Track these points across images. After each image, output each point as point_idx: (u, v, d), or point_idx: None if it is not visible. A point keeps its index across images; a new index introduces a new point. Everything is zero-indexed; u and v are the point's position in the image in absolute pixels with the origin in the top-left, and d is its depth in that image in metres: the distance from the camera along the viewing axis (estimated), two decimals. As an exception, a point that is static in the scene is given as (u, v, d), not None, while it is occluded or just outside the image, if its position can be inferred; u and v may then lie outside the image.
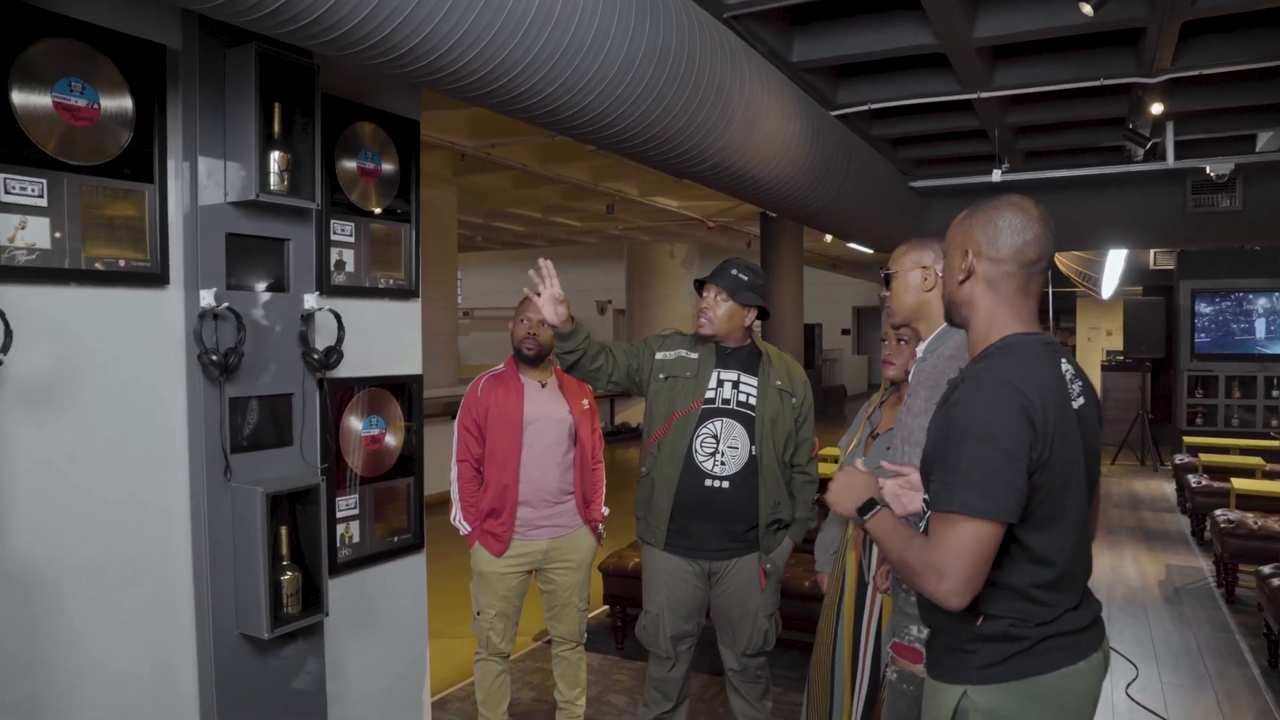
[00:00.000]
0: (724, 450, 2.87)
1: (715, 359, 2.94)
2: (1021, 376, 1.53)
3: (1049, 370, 1.58)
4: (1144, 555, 6.43)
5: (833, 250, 13.72)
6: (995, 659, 1.56)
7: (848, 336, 22.44)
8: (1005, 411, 1.49)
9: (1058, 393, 1.56)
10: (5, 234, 2.12)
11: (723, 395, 2.90)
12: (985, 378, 1.53)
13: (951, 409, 1.54)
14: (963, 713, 1.57)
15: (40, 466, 2.21)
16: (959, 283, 1.67)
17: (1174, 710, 3.77)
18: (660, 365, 2.96)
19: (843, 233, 6.45)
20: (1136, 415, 10.75)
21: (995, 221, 1.63)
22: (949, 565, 1.46)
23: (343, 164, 2.95)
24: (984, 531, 1.46)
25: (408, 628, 3.31)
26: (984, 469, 1.47)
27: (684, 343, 3.00)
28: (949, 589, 1.47)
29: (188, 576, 2.56)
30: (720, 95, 3.26)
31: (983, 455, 1.47)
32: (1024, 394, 1.50)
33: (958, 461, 1.49)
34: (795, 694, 3.76)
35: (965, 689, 1.58)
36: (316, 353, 2.75)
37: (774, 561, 2.95)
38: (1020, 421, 1.48)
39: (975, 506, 1.46)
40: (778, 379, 2.96)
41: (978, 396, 1.51)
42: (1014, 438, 1.48)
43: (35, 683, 2.22)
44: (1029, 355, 1.58)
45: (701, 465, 2.86)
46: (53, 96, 2.19)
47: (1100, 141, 5.91)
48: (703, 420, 2.88)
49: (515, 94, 2.54)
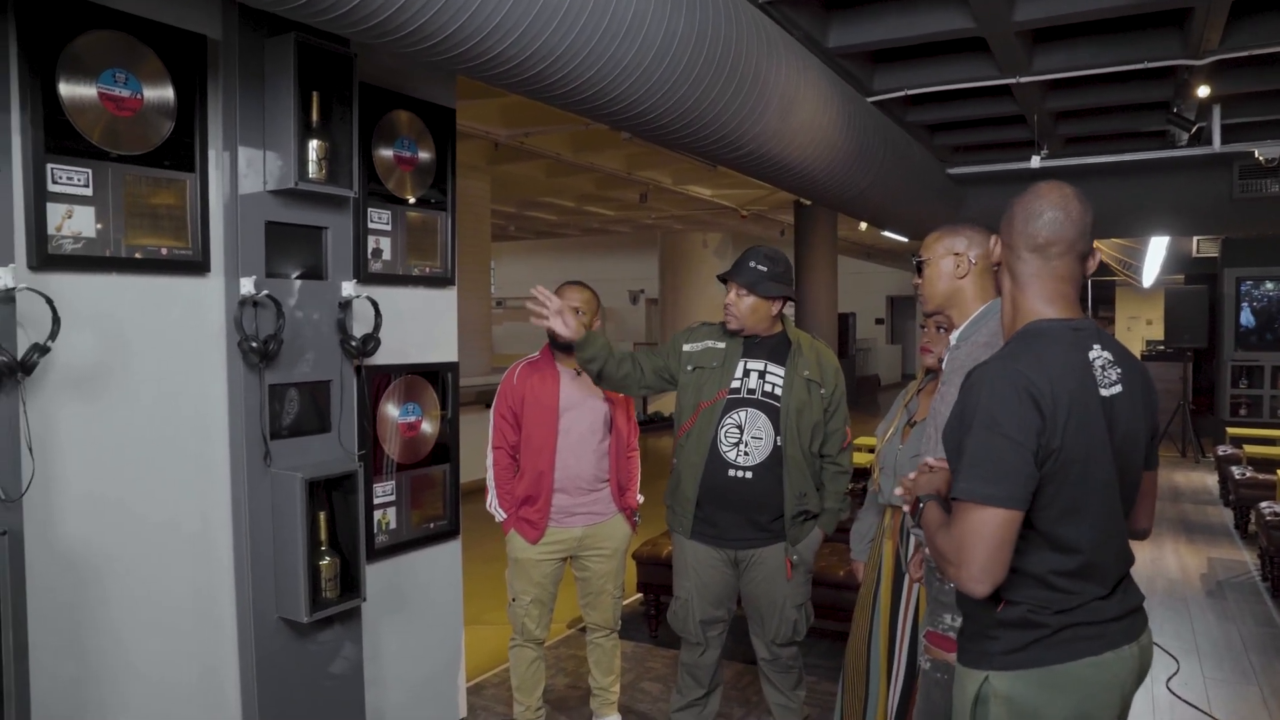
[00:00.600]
0: (748, 440, 2.85)
1: (743, 348, 2.92)
2: (1032, 363, 1.52)
3: (1072, 357, 1.56)
4: (1185, 548, 6.33)
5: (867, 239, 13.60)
6: (1016, 645, 1.55)
7: (882, 326, 22.26)
8: (1010, 398, 1.49)
9: (1078, 380, 1.54)
10: (53, 223, 2.15)
11: (748, 385, 2.88)
12: (994, 365, 1.55)
13: (963, 396, 1.56)
14: (984, 699, 1.57)
15: (86, 452, 2.25)
16: (994, 271, 1.73)
17: (1217, 705, 3.71)
18: (688, 357, 2.95)
19: (878, 220, 6.39)
20: (1177, 406, 10.56)
21: (1014, 208, 1.65)
22: (965, 552, 1.47)
23: (380, 152, 2.97)
24: (995, 518, 1.46)
25: (444, 613, 3.35)
26: (990, 456, 1.48)
27: (711, 333, 2.98)
28: (967, 575, 1.47)
29: (229, 560, 2.60)
30: (756, 81, 3.23)
31: (989, 442, 1.48)
32: (1031, 380, 1.49)
33: (966, 449, 1.51)
34: (830, 683, 3.74)
35: (987, 675, 1.58)
36: (354, 340, 2.78)
37: (801, 553, 2.92)
38: (1025, 408, 1.48)
39: (982, 493, 1.46)
40: (806, 369, 2.92)
41: (985, 384, 1.53)
42: (1019, 424, 1.48)
43: (82, 662, 2.27)
44: (1051, 341, 1.57)
45: (725, 455, 2.85)
46: (98, 87, 2.22)
47: (1143, 126, 5.79)
48: (728, 410, 2.86)
49: (551, 80, 2.54)
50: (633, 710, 3.54)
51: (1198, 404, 11.39)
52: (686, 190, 9.65)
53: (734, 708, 3.58)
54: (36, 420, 2.11)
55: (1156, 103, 5.27)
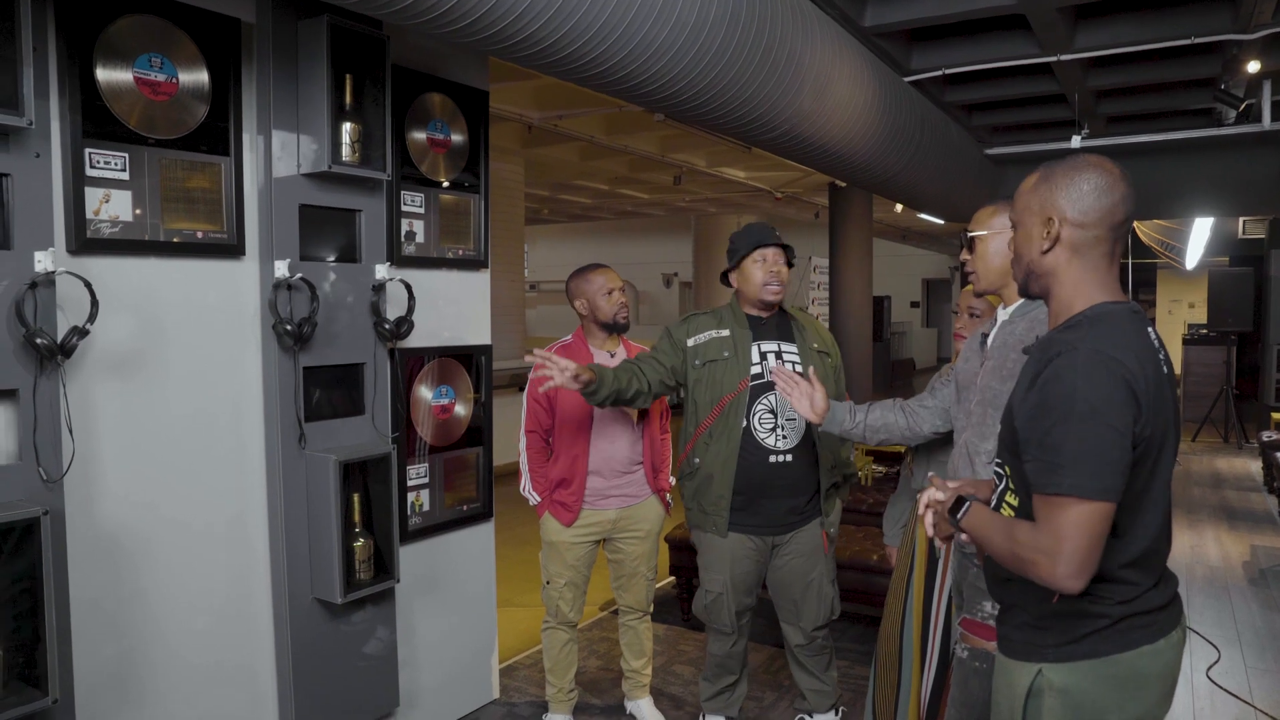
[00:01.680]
0: (783, 424, 2.82)
1: (751, 333, 2.87)
2: (1119, 347, 1.45)
3: (1143, 340, 1.51)
4: (1226, 535, 6.21)
5: (903, 221, 13.44)
6: (1072, 637, 1.51)
7: (917, 309, 22.03)
8: (1109, 385, 1.41)
9: (1153, 364, 1.48)
10: (91, 207, 2.18)
11: (769, 368, 2.83)
12: (1083, 350, 1.44)
13: (1048, 384, 1.45)
14: (1037, 692, 1.53)
15: (124, 434, 2.29)
16: (1042, 252, 1.58)
17: (1259, 695, 3.64)
18: (694, 352, 2.87)
19: (914, 202, 6.30)
20: (1220, 391, 10.34)
21: (1079, 184, 1.54)
22: (1064, 550, 1.39)
23: (413, 135, 2.97)
24: (1098, 512, 1.40)
25: (477, 595, 3.37)
26: (1093, 448, 1.39)
27: (709, 322, 2.91)
28: (1064, 573, 1.40)
29: (264, 541, 2.63)
30: (791, 61, 3.19)
31: (1091, 434, 1.40)
32: (1126, 367, 1.42)
33: (1061, 441, 1.41)
34: (863, 668, 3.73)
35: (1040, 667, 1.53)
36: (388, 323, 2.79)
37: (835, 525, 2.94)
38: (1125, 395, 1.41)
39: (1088, 488, 1.39)
40: (814, 341, 2.91)
41: (1077, 371, 1.42)
42: (1120, 413, 1.40)
43: (122, 642, 2.31)
44: (1123, 325, 1.50)
45: (764, 442, 2.81)
46: (134, 72, 2.24)
47: (1189, 104, 5.63)
48: (756, 397, 2.82)
49: (583, 61, 2.51)
50: (665, 693, 3.55)
51: (1241, 388, 11.16)
52: (721, 173, 9.58)
53: (765, 691, 3.58)
54: (76, 402, 2.14)
55: (1203, 79, 5.12)
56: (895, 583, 2.84)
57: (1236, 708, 3.53)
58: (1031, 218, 1.60)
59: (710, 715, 3.10)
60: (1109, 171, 1.54)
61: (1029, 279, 1.63)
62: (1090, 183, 1.53)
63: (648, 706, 3.32)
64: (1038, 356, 1.52)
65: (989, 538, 1.54)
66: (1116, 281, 1.58)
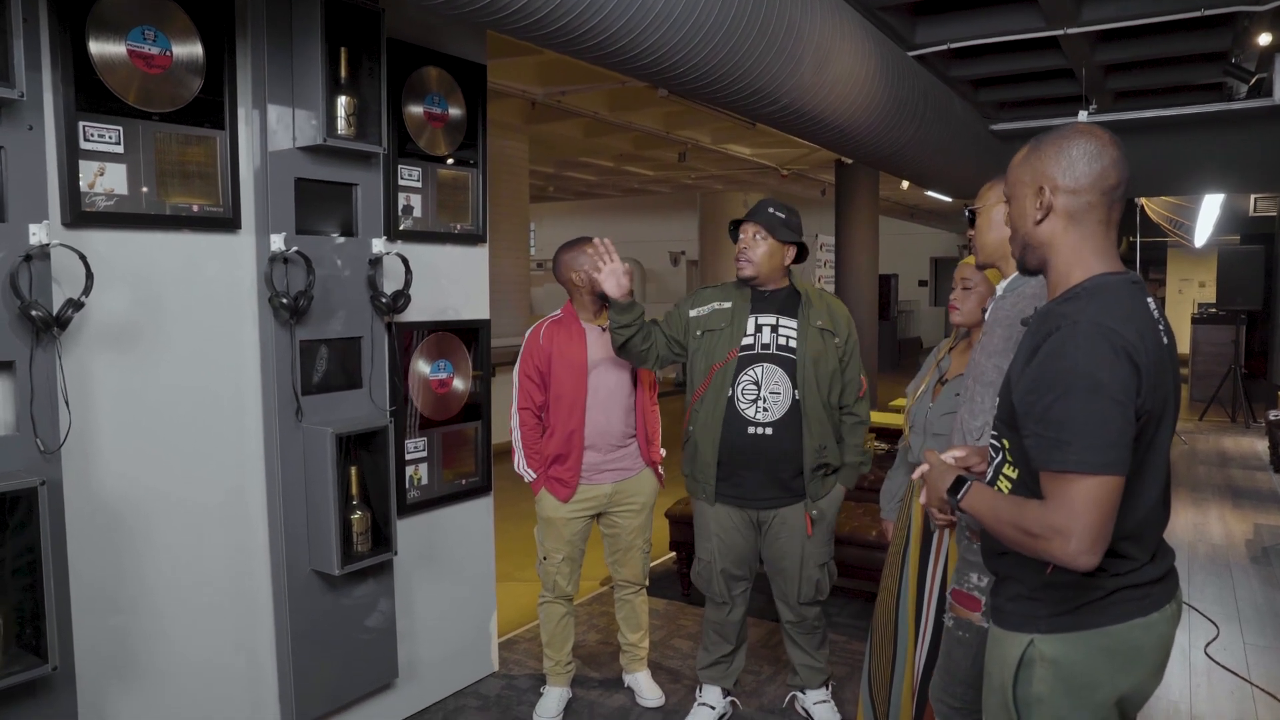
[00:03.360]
0: (765, 396, 2.83)
1: (750, 304, 2.89)
2: (1120, 319, 1.43)
3: (1142, 310, 1.49)
4: (1230, 514, 6.20)
5: (910, 199, 13.35)
6: (1065, 608, 1.52)
7: (925, 288, 21.92)
8: (1111, 358, 1.40)
9: (1154, 335, 1.47)
10: (85, 180, 2.18)
11: (761, 340, 2.85)
12: (1084, 323, 1.43)
13: (1048, 358, 1.44)
14: (1029, 662, 1.54)
15: (121, 406, 2.30)
16: (1035, 223, 1.57)
17: (1256, 672, 3.65)
18: (695, 323, 2.92)
19: (920, 179, 6.26)
20: (1228, 369, 10.30)
21: (1068, 151, 1.52)
22: (1076, 525, 1.38)
23: (409, 109, 2.96)
24: (1107, 486, 1.39)
25: (475, 569, 3.39)
26: (1099, 422, 1.39)
27: (716, 294, 2.95)
28: (1077, 549, 1.39)
29: (261, 513, 2.65)
30: (790, 34, 3.16)
31: (1095, 407, 1.39)
32: (1126, 339, 1.41)
33: (1065, 415, 1.40)
34: (859, 643, 3.75)
35: (1032, 638, 1.54)
36: (384, 297, 2.79)
37: (823, 509, 2.91)
38: (1127, 368, 1.40)
39: (1095, 461, 1.38)
40: (819, 319, 2.89)
41: (1079, 344, 1.41)
42: (1122, 385, 1.39)
43: (121, 612, 2.34)
44: (1122, 295, 1.49)
45: (744, 413, 2.83)
46: (127, 45, 2.23)
47: (1198, 79, 5.58)
48: (741, 368, 2.84)
49: (579, 33, 2.50)
50: (662, 667, 3.57)
51: (1250, 368, 11.12)
52: (726, 149, 9.53)
53: (762, 665, 3.60)
54: (73, 374, 2.15)
55: (1213, 53, 5.07)
56: (891, 557, 2.84)
57: (1234, 684, 3.54)
58: (1024, 189, 1.59)
59: (707, 686, 3.13)
60: (1097, 137, 1.52)
61: (1026, 252, 1.62)
62: (1079, 149, 1.52)
63: (645, 679, 3.34)
64: (1036, 329, 1.51)
65: (994, 516, 1.52)
66: (1115, 250, 1.57)
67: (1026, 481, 1.52)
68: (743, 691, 3.32)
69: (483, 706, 3.26)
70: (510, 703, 3.29)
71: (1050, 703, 1.52)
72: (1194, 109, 5.82)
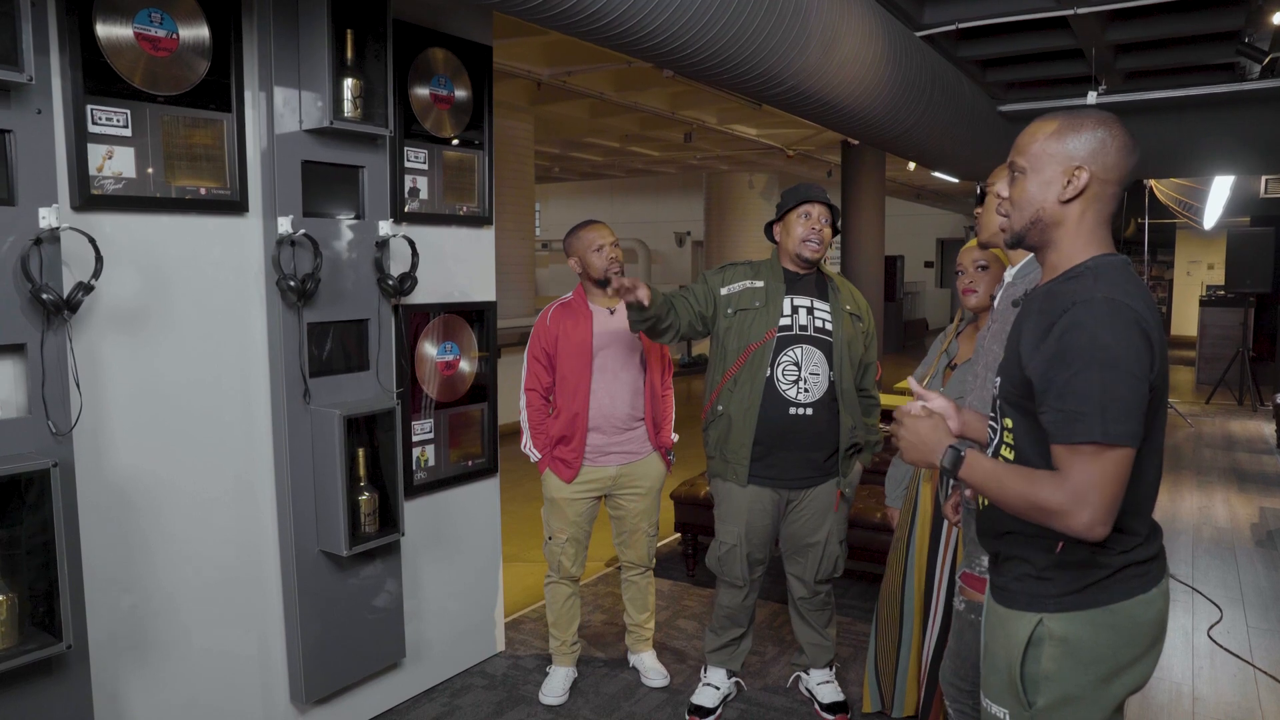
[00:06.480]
0: (806, 377, 2.84)
1: (785, 285, 2.90)
2: (1130, 295, 1.47)
3: (1143, 288, 1.54)
4: (1236, 497, 6.20)
5: (916, 180, 13.30)
6: (1073, 587, 1.54)
7: (930, 269, 21.87)
8: (1128, 333, 1.44)
9: (1156, 312, 1.52)
10: (94, 164, 2.19)
11: (799, 322, 2.86)
12: (1099, 298, 1.46)
13: (1067, 333, 1.46)
14: (1037, 641, 1.56)
15: (131, 388, 2.32)
16: (1062, 200, 1.57)
17: (1259, 655, 3.66)
18: (727, 300, 2.91)
19: (926, 160, 6.23)
20: (1236, 352, 10.27)
21: (1106, 140, 1.56)
22: (1091, 497, 1.42)
23: (415, 91, 2.95)
24: (1122, 458, 1.43)
25: (482, 549, 3.42)
26: (1118, 394, 1.42)
27: (745, 273, 2.95)
28: (1091, 520, 1.42)
29: (270, 494, 2.67)
30: (796, 14, 3.15)
31: (1114, 380, 1.42)
32: (1139, 314, 1.45)
33: (1084, 389, 1.43)
34: (864, 624, 3.77)
35: (1041, 617, 1.56)
36: (391, 279, 2.80)
37: (851, 485, 2.96)
38: (1141, 342, 1.44)
39: (1113, 433, 1.41)
40: (847, 304, 2.94)
41: (1099, 319, 1.44)
42: (1137, 359, 1.43)
43: (134, 592, 2.37)
44: (1126, 274, 1.53)
45: (785, 393, 2.83)
46: (134, 28, 2.23)
47: (1210, 59, 5.52)
48: (781, 348, 2.84)
49: (585, 14, 2.49)
50: (668, 647, 3.60)
51: (1258, 350, 11.08)
52: (731, 130, 9.50)
53: (767, 646, 3.63)
54: (83, 357, 2.17)
55: (1226, 33, 5.02)
56: (897, 542, 2.86)
57: (1237, 667, 3.55)
58: (1053, 165, 1.58)
59: (713, 667, 3.15)
60: (1128, 133, 1.57)
61: (1033, 226, 1.61)
62: (1117, 140, 1.56)
63: (650, 659, 3.37)
64: (1045, 308, 1.53)
65: (1000, 487, 1.53)
66: (1110, 235, 1.60)
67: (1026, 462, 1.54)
68: (747, 672, 3.34)
69: (489, 686, 3.30)
70: (516, 682, 3.32)
71: (1059, 680, 1.54)
72: (1205, 89, 5.77)
